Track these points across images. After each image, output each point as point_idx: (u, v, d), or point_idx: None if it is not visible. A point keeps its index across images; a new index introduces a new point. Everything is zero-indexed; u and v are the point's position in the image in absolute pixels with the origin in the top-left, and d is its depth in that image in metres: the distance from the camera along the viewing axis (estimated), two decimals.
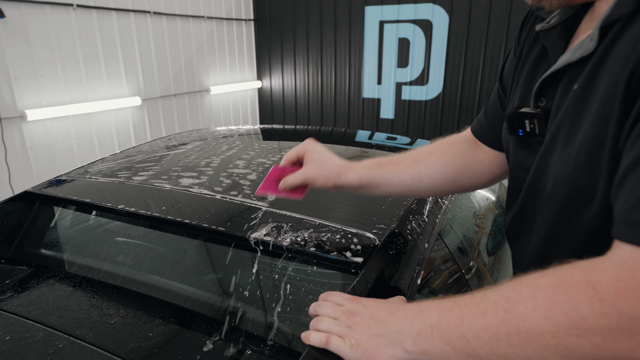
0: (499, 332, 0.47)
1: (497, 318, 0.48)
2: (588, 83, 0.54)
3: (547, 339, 0.44)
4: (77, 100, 4.03)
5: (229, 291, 0.90)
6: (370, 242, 0.84)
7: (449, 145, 0.89)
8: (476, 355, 0.50)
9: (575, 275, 0.45)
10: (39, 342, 0.78)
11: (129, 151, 1.48)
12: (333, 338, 0.62)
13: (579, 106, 0.55)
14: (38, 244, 1.16)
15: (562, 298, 0.44)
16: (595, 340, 0.41)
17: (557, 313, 0.43)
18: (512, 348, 0.46)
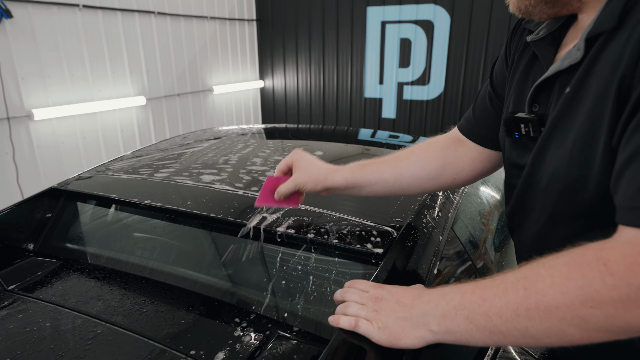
0: (519, 308, 0.52)
1: (518, 296, 0.53)
2: (579, 87, 0.60)
3: (564, 312, 0.49)
4: (83, 99, 4.07)
5: (255, 282, 0.94)
6: (388, 234, 0.88)
7: (430, 145, 0.95)
8: (498, 332, 0.54)
9: (587, 255, 0.50)
10: (78, 328, 0.82)
11: (146, 149, 1.52)
12: (361, 321, 0.66)
13: (571, 108, 0.61)
14: (64, 238, 1.20)
15: (577, 274, 0.49)
16: (608, 311, 0.46)
17: (572, 288, 0.48)
18: (531, 322, 0.51)
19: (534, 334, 0.52)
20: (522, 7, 0.68)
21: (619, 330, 0.47)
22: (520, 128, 0.71)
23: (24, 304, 0.91)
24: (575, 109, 0.60)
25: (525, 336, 0.52)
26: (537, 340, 0.52)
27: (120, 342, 0.79)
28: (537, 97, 0.69)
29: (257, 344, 0.79)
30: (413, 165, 0.92)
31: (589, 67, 0.59)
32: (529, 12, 0.68)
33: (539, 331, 0.51)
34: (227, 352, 0.77)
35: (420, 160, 0.93)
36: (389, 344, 0.64)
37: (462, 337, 0.59)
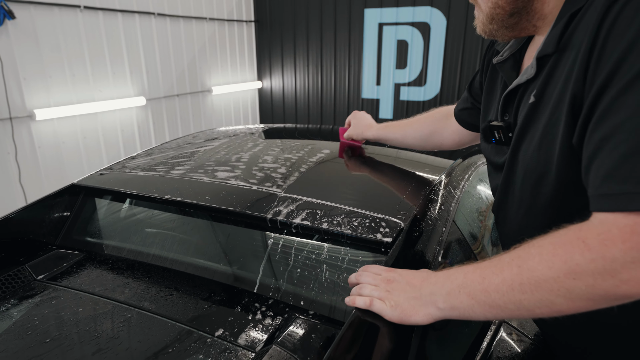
0: (513, 283, 0.60)
1: (512, 273, 0.60)
2: (540, 97, 0.71)
3: (551, 284, 0.56)
4: (84, 100, 4.11)
5: (272, 270, 1.01)
6: (396, 225, 0.95)
7: (432, 114, 1.29)
8: (496, 305, 0.62)
9: (568, 234, 0.58)
10: (109, 313, 0.89)
11: (158, 148, 1.58)
12: (375, 301, 0.73)
13: (535, 114, 0.72)
14: (86, 232, 1.26)
15: (561, 251, 0.57)
16: (588, 281, 0.54)
17: (557, 263, 0.56)
18: (524, 295, 0.59)
19: (527, 306, 0.59)
20: (487, 31, 0.79)
21: (599, 298, 0.54)
22: (495, 134, 0.84)
23: (55, 292, 0.97)
24: (539, 115, 0.71)
25: (520, 308, 0.60)
26: (529, 312, 0.60)
27: (150, 324, 0.85)
28: (506, 108, 0.82)
29: (276, 325, 0.86)
30: (413, 130, 1.30)
31: (547, 81, 0.70)
32: (493, 34, 0.79)
33: (531, 303, 0.58)
34: (249, 332, 0.84)
35: (419, 126, 1.29)
36: (400, 321, 0.71)
37: (465, 312, 0.66)
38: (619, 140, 0.55)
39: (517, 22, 0.75)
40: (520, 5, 0.73)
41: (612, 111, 0.56)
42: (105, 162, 4.43)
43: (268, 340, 0.81)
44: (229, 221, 1.07)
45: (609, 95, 0.56)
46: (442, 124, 1.23)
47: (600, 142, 0.57)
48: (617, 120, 0.55)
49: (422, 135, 1.27)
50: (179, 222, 1.19)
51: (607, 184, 0.56)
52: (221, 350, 0.79)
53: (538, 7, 0.72)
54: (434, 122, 1.26)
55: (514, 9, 0.73)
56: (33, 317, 0.88)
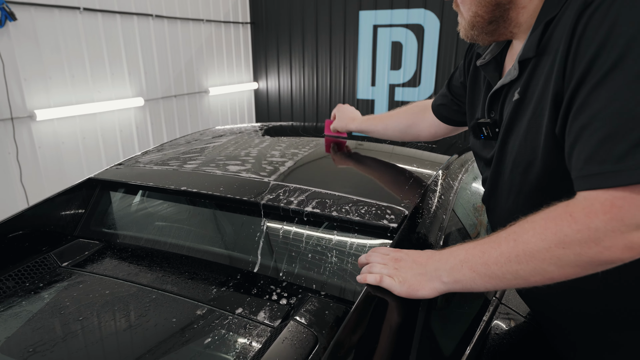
0: (510, 255, 0.68)
1: (509, 246, 0.68)
2: (524, 95, 0.80)
3: (544, 254, 0.64)
4: (83, 100, 4.15)
5: (285, 255, 1.08)
6: (401, 212, 1.03)
7: (411, 108, 1.39)
8: (495, 276, 0.69)
9: (557, 210, 0.66)
10: (135, 295, 0.95)
11: (169, 144, 1.64)
12: (385, 278, 0.80)
13: (520, 109, 0.81)
14: (102, 223, 1.32)
15: (551, 224, 0.64)
16: (576, 249, 0.62)
17: (548, 235, 0.64)
18: (520, 265, 0.66)
19: (523, 275, 0.67)
20: (468, 36, 0.88)
21: (586, 264, 0.62)
22: (483, 131, 0.92)
23: (81, 277, 1.03)
24: (523, 110, 0.79)
25: (517, 277, 0.67)
26: (525, 280, 0.67)
27: (174, 304, 0.92)
28: (492, 106, 0.90)
29: (291, 304, 0.93)
30: (394, 122, 1.40)
31: (528, 81, 0.78)
32: (474, 39, 0.88)
33: (526, 272, 0.66)
34: (267, 310, 0.91)
35: (399, 119, 1.39)
36: (408, 295, 0.79)
37: (468, 284, 0.73)
38: (595, 128, 0.63)
39: (495, 28, 0.84)
40: (498, 14, 0.81)
41: (588, 104, 0.64)
42: (104, 162, 4.47)
43: (285, 317, 0.88)
44: (242, 210, 1.14)
45: (585, 91, 0.64)
46: (419, 117, 1.33)
47: (579, 130, 0.65)
48: (592, 112, 0.63)
49: (401, 127, 1.38)
50: (194, 212, 1.25)
51: (587, 166, 0.63)
52: (242, 325, 0.86)
53: (513, 16, 0.81)
54: (412, 115, 1.36)
55: (492, 18, 0.82)
56: (64, 298, 0.94)
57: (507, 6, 0.80)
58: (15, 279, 1.01)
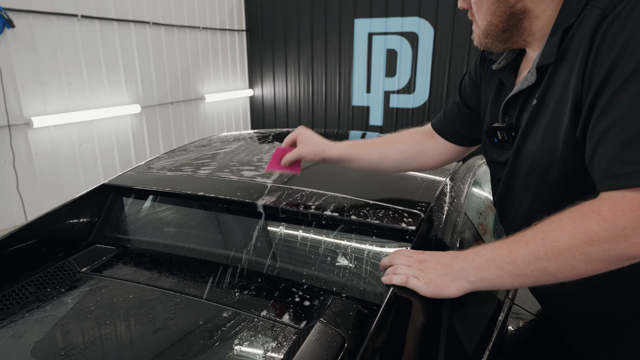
0: (538, 253, 0.70)
1: (537, 244, 0.71)
2: (542, 100, 0.82)
3: (573, 251, 0.67)
4: (80, 107, 4.13)
5: (304, 259, 1.09)
6: (417, 216, 1.05)
7: (410, 135, 1.20)
8: (523, 274, 0.72)
9: (584, 209, 0.68)
10: (158, 299, 0.96)
11: (178, 150, 1.66)
12: (410, 278, 0.82)
13: (538, 114, 0.83)
14: (116, 228, 1.32)
15: (579, 223, 0.67)
16: (604, 246, 0.64)
17: (577, 233, 0.67)
18: (549, 262, 0.69)
19: (551, 272, 0.69)
20: (482, 43, 0.91)
21: (614, 260, 0.65)
22: (497, 135, 0.94)
23: (102, 281, 1.04)
24: (541, 115, 0.82)
25: (545, 274, 0.70)
26: (553, 277, 0.70)
27: (199, 307, 0.93)
28: (507, 110, 0.92)
29: (314, 306, 0.94)
30: (395, 151, 1.17)
31: (547, 87, 0.80)
32: (488, 46, 0.91)
33: (555, 268, 0.69)
34: (291, 312, 0.92)
35: (401, 147, 1.17)
36: (434, 295, 0.81)
37: (495, 282, 0.76)
38: (617, 132, 0.66)
39: (509, 37, 0.87)
40: (512, 23, 0.85)
41: (609, 108, 0.67)
42: (100, 169, 4.44)
43: (309, 318, 0.90)
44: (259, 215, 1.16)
45: (606, 96, 0.68)
46: (426, 144, 1.17)
47: (601, 134, 0.68)
48: (614, 116, 0.67)
49: (404, 156, 1.16)
50: (211, 217, 1.26)
51: (611, 167, 0.67)
52: (268, 327, 0.87)
53: (527, 25, 0.84)
54: (417, 142, 1.17)
55: (506, 27, 0.85)
56: (88, 303, 0.95)
57: (521, 16, 0.83)
58: (37, 285, 1.02)
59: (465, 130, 1.12)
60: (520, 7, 0.82)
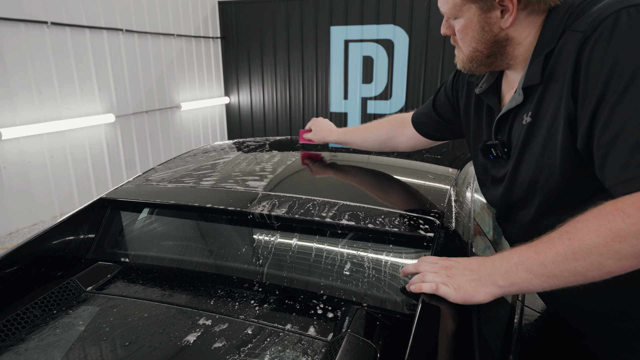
0: (567, 253, 0.71)
1: (564, 245, 0.72)
2: (535, 118, 0.86)
3: (601, 249, 0.68)
4: (51, 118, 3.97)
5: (321, 269, 1.08)
6: (432, 222, 1.06)
7: (389, 122, 1.45)
8: (553, 275, 0.73)
9: (607, 208, 0.70)
10: (175, 316, 0.92)
11: (174, 161, 1.61)
12: (440, 285, 0.83)
13: (533, 131, 0.88)
14: (116, 244, 1.27)
15: (604, 221, 0.69)
16: (632, 242, 0.66)
17: (604, 231, 0.68)
18: (578, 262, 0.70)
19: (581, 271, 0.71)
20: (466, 67, 0.97)
21: None
22: (492, 151, 0.99)
23: (112, 300, 0.99)
24: (537, 131, 0.87)
25: (574, 274, 0.71)
26: (582, 276, 0.71)
27: (221, 324, 0.90)
28: (499, 129, 0.98)
29: (338, 317, 0.93)
30: (372, 135, 1.47)
31: (539, 105, 0.85)
32: (472, 70, 0.97)
33: (584, 267, 0.70)
34: (315, 324, 0.91)
35: (377, 131, 1.46)
36: (464, 301, 0.81)
37: (524, 286, 0.77)
38: (625, 138, 0.70)
39: (493, 61, 0.93)
40: (496, 50, 0.90)
41: (612, 119, 0.71)
42: (73, 180, 4.28)
43: (336, 330, 0.88)
44: (272, 226, 1.14)
45: (607, 109, 0.72)
46: (399, 130, 1.41)
47: (609, 142, 0.72)
48: (618, 125, 0.70)
49: (380, 139, 1.45)
50: (217, 229, 1.23)
51: (626, 171, 0.69)
52: (296, 341, 0.85)
53: (510, 51, 0.90)
54: (391, 128, 1.42)
55: (490, 53, 0.91)
56: (101, 324, 0.90)
57: (504, 43, 0.89)
58: (42, 307, 0.96)
59: (429, 129, 1.32)
60: (503, 35, 0.88)
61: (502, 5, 0.84)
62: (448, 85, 1.21)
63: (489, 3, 0.85)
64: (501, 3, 0.84)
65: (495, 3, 0.85)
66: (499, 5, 0.85)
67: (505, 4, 0.84)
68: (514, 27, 0.87)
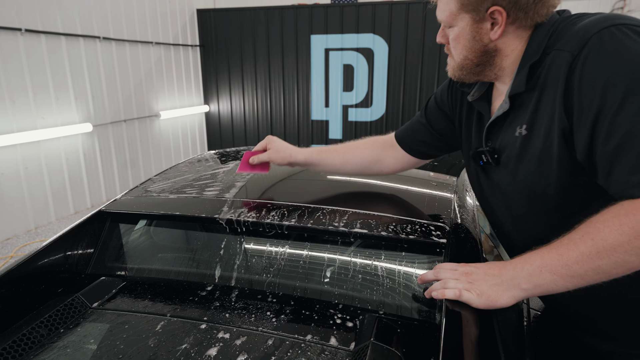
0: (591, 253, 0.74)
1: (587, 245, 0.74)
2: (530, 130, 0.89)
3: (625, 247, 0.71)
4: (25, 128, 3.84)
5: (335, 278, 1.07)
6: (443, 228, 1.07)
7: (372, 143, 1.32)
8: (577, 275, 0.75)
9: (625, 207, 0.73)
10: (190, 330, 0.89)
11: (172, 171, 1.58)
12: (463, 291, 0.83)
13: (529, 143, 0.91)
14: (117, 258, 1.23)
15: (625, 220, 0.72)
16: None
17: (625, 229, 0.71)
18: (602, 260, 0.73)
19: (605, 269, 0.73)
20: (456, 75, 1.01)
21: None
22: (482, 158, 1.02)
23: (121, 316, 0.96)
24: (532, 144, 0.90)
25: (599, 272, 0.74)
26: (607, 274, 0.74)
27: (241, 336, 0.88)
28: (489, 136, 1.01)
29: (358, 326, 0.92)
30: (356, 158, 1.31)
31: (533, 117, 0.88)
32: (461, 78, 1.01)
33: (609, 265, 0.73)
34: (335, 334, 0.90)
35: (362, 154, 1.31)
36: (487, 306, 0.82)
37: (549, 287, 0.78)
38: (629, 146, 0.73)
39: (481, 70, 0.97)
40: (485, 59, 0.95)
41: (613, 129, 0.75)
42: (48, 192, 4.13)
43: (357, 339, 0.88)
44: (282, 235, 1.13)
45: (607, 121, 0.76)
46: (385, 153, 1.29)
47: (614, 152, 0.75)
48: (621, 134, 0.74)
49: (364, 163, 1.30)
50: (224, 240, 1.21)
51: (635, 176, 0.73)
52: (319, 351, 0.84)
53: (498, 61, 0.95)
54: (376, 150, 1.30)
55: (479, 62, 0.96)
56: (114, 341, 0.87)
57: (493, 53, 0.94)
58: (48, 326, 0.91)
59: (425, 147, 1.24)
60: (492, 46, 0.93)
61: (492, 17, 0.89)
62: (441, 97, 1.20)
63: (481, 14, 0.90)
64: (492, 15, 0.89)
65: (486, 15, 0.89)
66: (489, 17, 0.90)
67: (495, 17, 0.89)
68: (503, 40, 0.92)
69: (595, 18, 0.82)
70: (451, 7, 0.93)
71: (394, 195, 1.37)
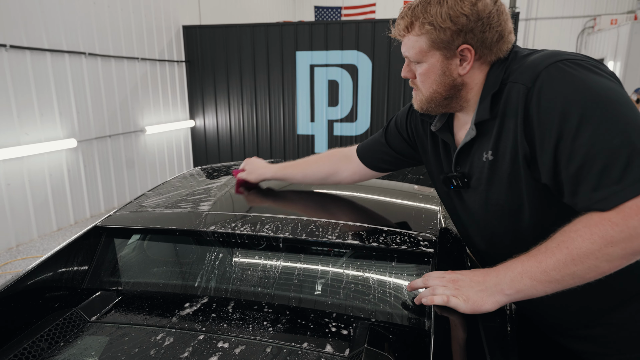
0: (566, 260, 0.81)
1: (563, 253, 0.81)
2: (495, 155, 0.97)
3: (596, 254, 0.78)
4: (8, 144, 3.80)
5: (327, 287, 1.11)
6: (430, 238, 1.12)
7: (332, 156, 1.44)
8: (554, 280, 0.82)
9: (594, 219, 0.80)
10: (189, 341, 0.92)
11: (165, 186, 1.60)
12: (451, 297, 0.89)
13: (496, 168, 0.98)
14: (113, 272, 1.24)
15: (595, 230, 0.79)
16: (622, 245, 0.77)
17: (596, 238, 0.78)
18: (577, 266, 0.80)
19: (580, 274, 0.80)
20: (424, 108, 1.08)
21: (630, 256, 0.78)
22: (452, 182, 1.09)
23: (121, 329, 0.98)
24: (500, 167, 0.97)
25: (574, 277, 0.81)
26: (581, 279, 0.81)
27: (240, 346, 0.91)
28: (458, 162, 1.08)
29: (352, 333, 0.96)
30: (314, 172, 1.44)
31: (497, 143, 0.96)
32: (429, 110, 1.08)
33: (582, 271, 0.80)
34: (330, 342, 0.94)
35: (319, 167, 1.44)
36: (473, 311, 0.87)
37: (529, 292, 0.84)
38: (590, 166, 0.81)
39: (449, 103, 1.04)
40: (452, 93, 1.02)
41: (574, 152, 0.82)
42: (31, 209, 4.07)
43: (352, 346, 0.92)
44: (276, 248, 1.16)
45: (567, 145, 0.83)
46: (341, 165, 1.41)
47: (576, 172, 0.82)
48: (581, 156, 0.82)
49: (322, 175, 1.43)
50: (218, 253, 1.24)
51: (598, 193, 0.80)
52: (316, 358, 0.88)
53: (464, 94, 1.02)
54: (333, 163, 1.42)
55: (447, 95, 1.03)
56: (115, 354, 0.89)
57: (460, 87, 1.01)
58: (48, 340, 0.93)
59: (384, 163, 1.35)
60: (460, 80, 1.00)
61: (462, 54, 0.97)
62: (401, 123, 1.28)
63: (452, 52, 0.97)
64: (461, 53, 0.96)
65: (457, 52, 0.96)
66: (459, 54, 0.97)
67: (464, 54, 0.96)
68: (469, 74, 0.99)
69: (542, 55, 0.91)
70: (421, 45, 0.98)
71: (384, 207, 1.42)
